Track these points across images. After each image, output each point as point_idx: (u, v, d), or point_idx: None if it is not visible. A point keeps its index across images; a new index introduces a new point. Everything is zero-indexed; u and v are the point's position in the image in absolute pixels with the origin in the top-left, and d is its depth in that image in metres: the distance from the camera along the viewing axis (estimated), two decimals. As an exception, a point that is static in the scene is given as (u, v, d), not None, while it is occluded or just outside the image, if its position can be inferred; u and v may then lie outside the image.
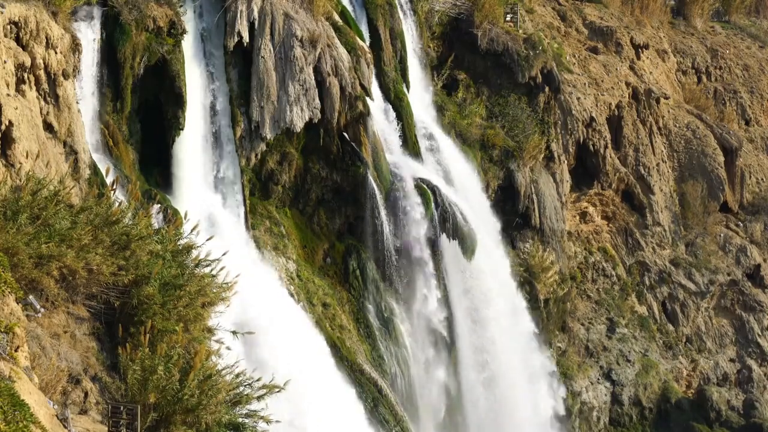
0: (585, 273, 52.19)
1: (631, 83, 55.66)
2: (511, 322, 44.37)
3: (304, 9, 38.13)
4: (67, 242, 18.89)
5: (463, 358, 42.09)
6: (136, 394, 17.61)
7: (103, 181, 29.39)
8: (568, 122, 51.07)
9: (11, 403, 13.27)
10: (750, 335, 55.87)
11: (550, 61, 48.92)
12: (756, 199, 60.27)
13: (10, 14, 27.19)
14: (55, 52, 28.85)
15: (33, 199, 19.34)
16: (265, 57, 36.78)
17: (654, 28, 62.60)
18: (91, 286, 19.62)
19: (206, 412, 17.84)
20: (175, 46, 34.50)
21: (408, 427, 37.95)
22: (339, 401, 34.76)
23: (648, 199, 54.79)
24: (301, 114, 37.09)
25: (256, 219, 37.38)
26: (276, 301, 35.22)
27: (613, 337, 51.36)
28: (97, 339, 19.58)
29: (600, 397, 49.59)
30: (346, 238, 39.75)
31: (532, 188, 47.21)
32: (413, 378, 39.85)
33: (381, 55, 42.29)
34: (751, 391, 53.80)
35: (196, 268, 21.20)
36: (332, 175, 39.15)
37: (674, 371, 52.65)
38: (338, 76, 38.12)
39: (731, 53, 66.70)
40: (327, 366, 35.48)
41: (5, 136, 25.92)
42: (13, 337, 15.22)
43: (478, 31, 48.09)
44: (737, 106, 64.09)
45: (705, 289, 55.08)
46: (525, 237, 47.38)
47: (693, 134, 58.53)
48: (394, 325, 39.70)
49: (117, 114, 33.33)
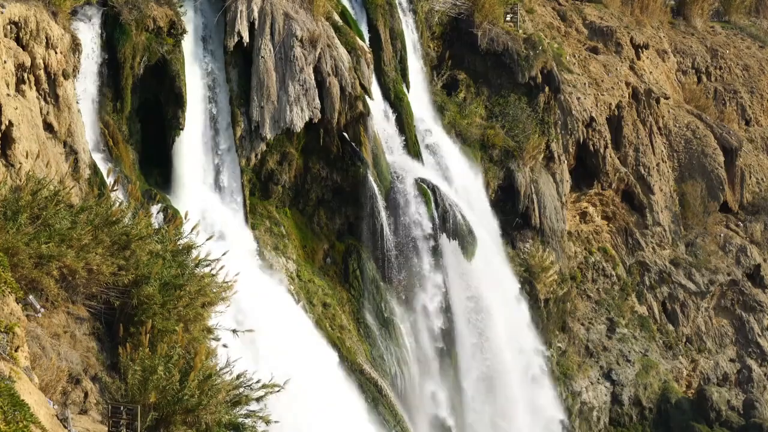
0: (585, 273, 52.17)
1: (631, 83, 55.65)
2: (512, 322, 44.34)
3: (304, 9, 38.13)
4: (67, 242, 18.89)
5: (463, 358, 42.09)
6: (136, 394, 17.61)
7: (103, 181, 29.42)
8: (568, 122, 51.06)
9: (11, 403, 13.26)
10: (750, 335, 55.86)
11: (550, 61, 48.91)
12: (756, 199, 60.26)
13: (10, 14, 27.19)
14: (55, 52, 28.86)
15: (33, 199, 19.34)
16: (265, 57, 36.78)
17: (654, 28, 62.59)
18: (91, 286, 19.61)
19: (206, 412, 17.85)
20: (175, 46, 34.51)
21: (408, 427, 37.95)
22: (340, 401, 34.76)
23: (648, 199, 54.78)
24: (301, 114, 37.09)
25: (256, 219, 37.38)
26: (276, 301, 35.22)
27: (613, 337, 51.34)
28: (97, 339, 19.58)
29: (600, 397, 49.58)
30: (346, 238, 39.75)
31: (532, 188, 47.20)
32: (413, 378, 39.85)
33: (381, 55, 42.30)
34: (751, 391, 53.78)
35: (196, 268, 21.20)
36: (332, 175, 39.15)
37: (674, 371, 52.63)
38: (338, 76, 38.12)
39: (731, 53, 66.69)
40: (326, 366, 35.47)
41: (5, 136, 25.94)
42: (13, 337, 15.21)
43: (478, 31, 48.08)
44: (737, 106, 64.08)
45: (705, 289, 55.06)
46: (525, 237, 47.38)
47: (693, 134, 58.52)
48: (394, 325, 39.69)
49: (117, 114, 33.34)
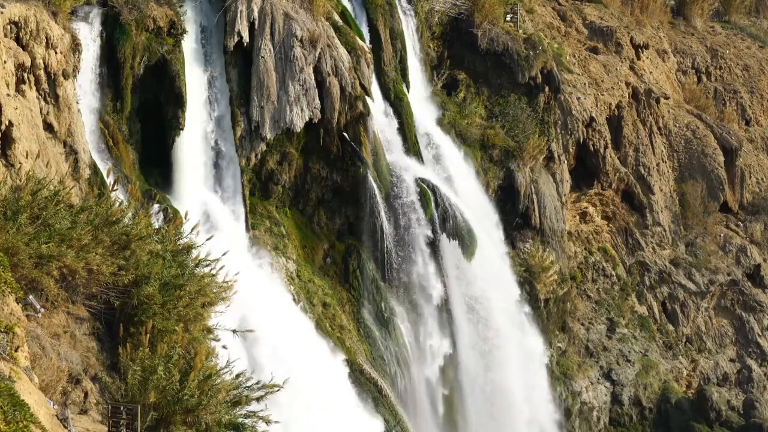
0: (585, 273, 52.17)
1: (631, 83, 55.65)
2: (512, 322, 44.34)
3: (304, 9, 38.14)
4: (67, 242, 18.87)
5: (463, 357, 42.08)
6: (136, 394, 17.59)
7: (103, 181, 29.42)
8: (568, 122, 51.06)
9: (11, 403, 13.26)
10: (750, 335, 55.86)
11: (550, 61, 48.91)
12: (756, 199, 60.26)
13: (10, 14, 27.20)
14: (55, 52, 28.86)
15: (33, 199, 19.32)
16: (265, 57, 36.78)
17: (654, 28, 62.59)
18: (91, 286, 19.60)
19: (206, 412, 17.84)
20: (175, 46, 34.51)
21: (408, 427, 37.95)
22: (340, 400, 34.77)
23: (648, 199, 54.78)
24: (301, 114, 37.09)
25: (256, 219, 37.38)
26: (276, 301, 35.22)
27: (613, 337, 51.34)
28: (97, 339, 19.56)
29: (600, 397, 49.57)
30: (346, 238, 39.74)
31: (532, 188, 47.20)
32: (413, 377, 39.85)
33: (381, 55, 42.30)
34: (751, 391, 53.77)
35: (196, 268, 21.19)
36: (332, 175, 39.15)
37: (674, 371, 52.63)
38: (338, 76, 38.12)
39: (731, 53, 66.68)
40: (326, 366, 35.46)
41: (5, 136, 25.95)
42: (13, 337, 15.21)
43: (478, 31, 48.08)
44: (737, 106, 64.08)
45: (705, 289, 55.06)
46: (525, 237, 47.37)
47: (693, 134, 58.52)
48: (394, 325, 39.70)
49: (117, 114, 33.35)
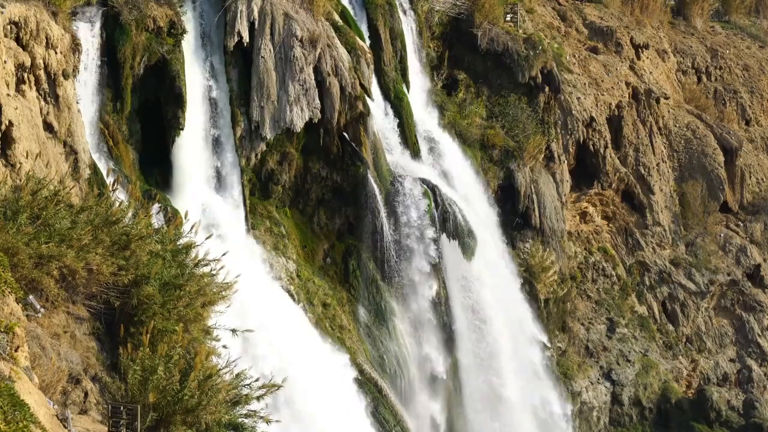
0: (585, 273, 52.17)
1: (631, 83, 55.64)
2: (512, 322, 44.33)
3: (304, 9, 38.14)
4: (67, 242, 18.87)
5: (463, 357, 42.07)
6: (136, 394, 17.59)
7: (103, 181, 29.42)
8: (568, 122, 51.06)
9: (11, 403, 13.26)
10: (750, 335, 55.85)
11: (550, 61, 48.90)
12: (756, 199, 60.25)
13: (10, 14, 27.20)
14: (55, 52, 28.86)
15: (33, 199, 19.33)
16: (265, 57, 36.78)
17: (654, 28, 62.57)
18: (91, 286, 19.59)
19: (206, 412, 17.84)
20: (175, 46, 34.51)
21: (407, 427, 37.94)
22: (340, 400, 34.78)
23: (648, 199, 54.77)
24: (301, 114, 37.09)
25: (256, 219, 37.38)
26: (276, 301, 35.22)
27: (613, 337, 51.34)
28: (97, 339, 19.56)
29: (600, 397, 49.57)
30: (346, 238, 39.75)
31: (532, 188, 47.20)
32: (413, 377, 39.85)
33: (381, 55, 42.29)
34: (751, 391, 53.78)
35: (196, 268, 21.19)
36: (332, 175, 39.15)
37: (674, 371, 52.63)
38: (338, 76, 38.12)
39: (731, 53, 66.68)
40: (324, 365, 35.46)
41: (5, 136, 25.95)
42: (13, 337, 15.21)
43: (478, 31, 48.08)
44: (737, 106, 64.07)
45: (705, 289, 55.06)
46: (525, 237, 47.37)
47: (693, 134, 58.51)
48: (394, 325, 39.70)
49: (117, 114, 33.36)
